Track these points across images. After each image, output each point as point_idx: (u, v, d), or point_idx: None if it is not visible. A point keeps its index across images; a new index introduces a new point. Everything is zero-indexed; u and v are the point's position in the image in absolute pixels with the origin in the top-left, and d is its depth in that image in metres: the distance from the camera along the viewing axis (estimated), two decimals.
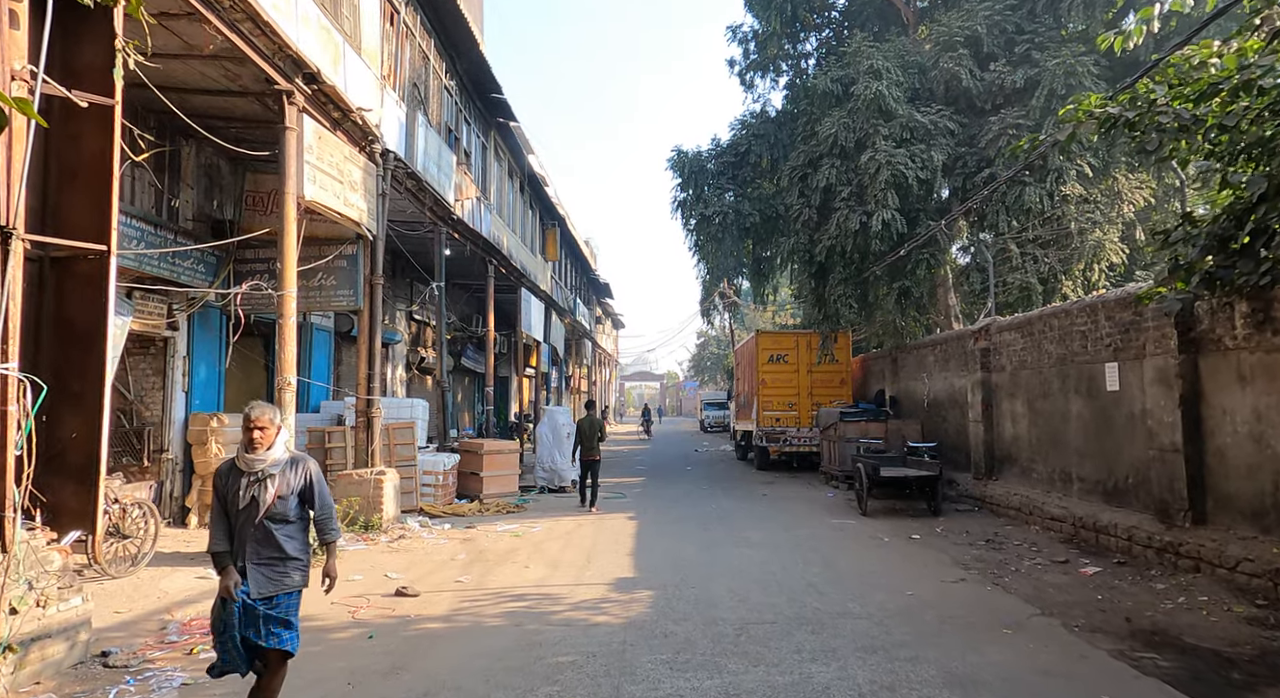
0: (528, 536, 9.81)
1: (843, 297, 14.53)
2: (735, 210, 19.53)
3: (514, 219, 21.54)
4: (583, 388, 42.27)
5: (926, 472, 10.94)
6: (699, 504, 12.79)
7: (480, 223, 16.59)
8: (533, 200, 24.42)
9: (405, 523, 10.36)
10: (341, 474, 10.15)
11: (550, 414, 15.10)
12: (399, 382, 17.66)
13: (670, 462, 22.93)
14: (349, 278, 10.40)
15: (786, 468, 18.28)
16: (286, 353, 8.24)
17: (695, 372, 75.54)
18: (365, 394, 10.36)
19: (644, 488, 15.52)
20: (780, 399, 17.65)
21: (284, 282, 8.26)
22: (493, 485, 13.25)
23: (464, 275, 19.14)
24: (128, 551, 7.35)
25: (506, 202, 20.52)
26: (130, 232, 8.41)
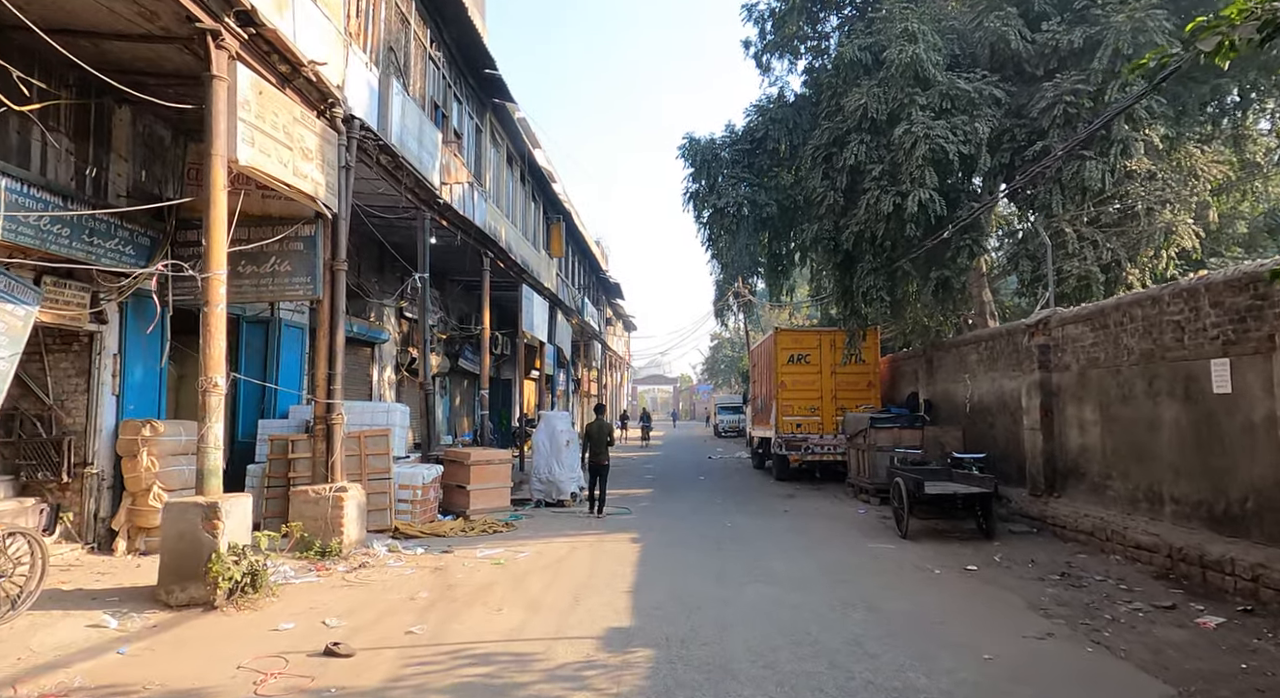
0: (511, 563, 8.33)
1: (873, 289, 12.96)
2: (751, 201, 18.14)
3: (513, 210, 20.13)
4: (593, 392, 40.85)
5: (978, 488, 9.37)
6: (712, 522, 11.26)
7: (473, 210, 15.19)
8: (535, 192, 23.01)
9: (371, 547, 8.92)
10: (296, 490, 8.73)
11: (548, 420, 13.65)
12: (387, 384, 16.27)
13: (681, 471, 21.40)
14: (306, 263, 8.99)
15: (808, 478, 16.72)
16: (212, 348, 6.82)
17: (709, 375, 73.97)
18: (324, 397, 8.94)
19: (651, 501, 14.01)
20: (801, 403, 16.10)
21: (209, 261, 6.84)
22: (481, 500, 11.80)
23: (461, 270, 17.77)
24: (4, 592, 5.93)
25: (505, 191, 19.12)
26: (27, 202, 7.02)
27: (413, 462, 11.50)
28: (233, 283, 8.95)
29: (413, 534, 10.18)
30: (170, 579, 6.40)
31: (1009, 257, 12.75)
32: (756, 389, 19.84)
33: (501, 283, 19.96)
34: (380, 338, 15.48)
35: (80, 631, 5.77)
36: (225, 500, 6.59)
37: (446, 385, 20.30)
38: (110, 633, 5.74)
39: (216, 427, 6.80)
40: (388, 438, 10.48)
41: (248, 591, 6.54)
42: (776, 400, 16.21)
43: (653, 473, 20.21)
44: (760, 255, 28.41)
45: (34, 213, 7.00)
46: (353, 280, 14.30)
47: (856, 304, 13.69)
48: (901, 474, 9.95)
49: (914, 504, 9.55)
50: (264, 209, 9.06)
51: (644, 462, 23.94)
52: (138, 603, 6.39)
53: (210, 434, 6.73)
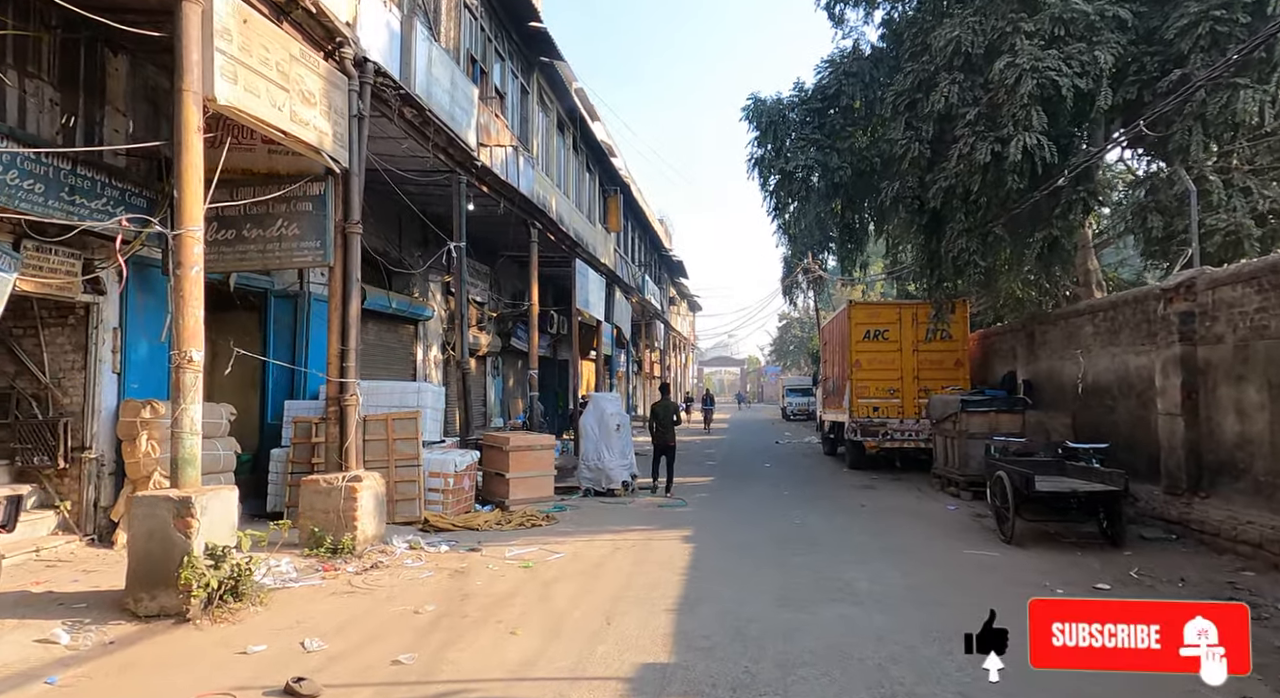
0: (541, 567, 7.22)
1: (964, 253, 11.22)
2: (822, 165, 16.52)
3: (565, 180, 18.99)
4: (655, 373, 39.72)
5: (1104, 486, 7.73)
6: (777, 519, 9.91)
7: (518, 177, 14.09)
8: (590, 162, 21.82)
9: (389, 544, 7.95)
10: (306, 480, 7.82)
11: (595, 402, 12.50)
12: (433, 364, 15.41)
13: (746, 457, 20.02)
14: (316, 225, 8.01)
15: (886, 466, 15.12)
16: (186, 317, 5.87)
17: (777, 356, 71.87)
18: (336, 376, 7.98)
19: (710, 492, 12.73)
20: (879, 384, 14.48)
21: (181, 216, 5.87)
22: (521, 489, 10.76)
23: (511, 245, 16.71)
24: None
25: (556, 159, 17.98)
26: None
27: (447, 447, 10.53)
28: (237, 247, 8.10)
29: (443, 527, 9.21)
30: (138, 586, 5.52)
31: (1133, 212, 10.80)
32: (827, 370, 18.26)
33: (554, 258, 18.92)
34: (424, 315, 14.60)
35: (24, 648, 4.91)
36: (201, 495, 5.65)
37: (499, 366, 19.45)
38: (57, 652, 4.87)
39: (193, 409, 5.86)
40: (416, 421, 9.52)
41: (227, 599, 5.60)
42: (851, 381, 14.64)
43: (715, 459, 18.91)
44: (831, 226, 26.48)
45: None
46: (394, 254, 13.44)
47: (944, 272, 11.99)
48: (1005, 467, 8.37)
49: (1021, 503, 7.98)
50: (271, 166, 8.13)
51: (705, 447, 22.66)
52: (104, 612, 5.53)
53: (185, 417, 5.80)
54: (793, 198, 20.66)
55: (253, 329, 11.20)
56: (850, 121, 16.30)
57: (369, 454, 9.38)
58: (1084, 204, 10.35)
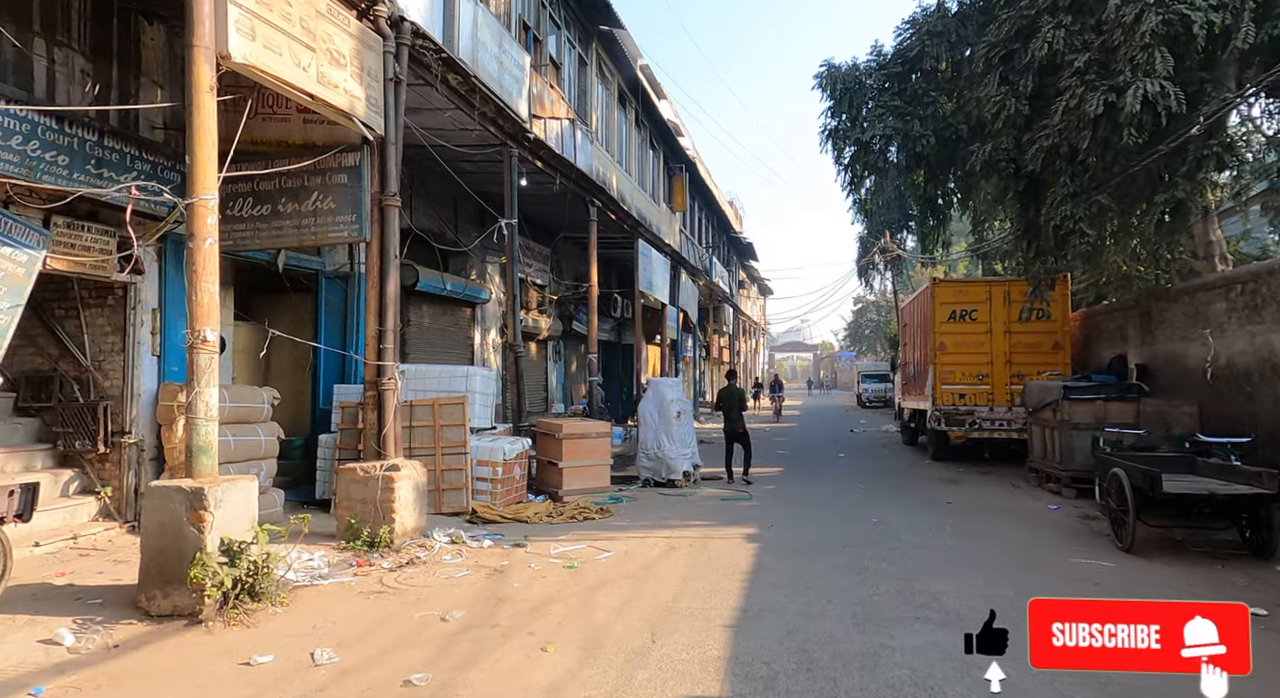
0: (588, 567, 6.57)
1: (1069, 221, 9.91)
2: (902, 134, 15.32)
3: (626, 157, 18.25)
4: (724, 358, 38.77)
5: (1251, 487, 6.54)
6: (852, 516, 9.00)
7: (574, 151, 13.44)
8: (654, 139, 21.01)
9: (430, 537, 7.47)
10: (343, 468, 7.40)
11: (655, 387, 11.79)
12: (491, 348, 15.01)
13: (818, 445, 18.99)
14: (350, 198, 7.53)
15: (973, 457, 13.90)
16: (200, 293, 5.42)
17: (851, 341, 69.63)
18: (374, 358, 7.50)
19: (779, 483, 11.87)
20: (966, 369, 13.25)
21: (193, 183, 5.42)
22: (575, 479, 10.17)
23: (572, 225, 16.11)
24: None
25: (616, 134, 17.25)
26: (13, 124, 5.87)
27: (498, 434, 10.02)
28: (273, 224, 7.71)
29: (491, 519, 8.70)
30: (151, 583, 5.13)
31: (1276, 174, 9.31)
32: (907, 354, 17.02)
33: (616, 239, 18.28)
34: (481, 297, 14.19)
35: (25, 649, 4.56)
36: (215, 486, 5.21)
37: (560, 350, 18.98)
38: (57, 655, 4.50)
39: (209, 393, 5.42)
40: (463, 407, 9.02)
41: (244, 600, 5.16)
42: (934, 366, 13.46)
43: (785, 448, 17.97)
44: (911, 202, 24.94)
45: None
46: (449, 236, 13.02)
47: (1043, 244, 10.70)
48: (1121, 463, 7.23)
49: (1143, 505, 6.85)
50: (306, 136, 7.69)
51: (775, 435, 21.69)
52: (118, 610, 5.17)
53: (200, 402, 5.36)
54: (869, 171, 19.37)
55: (304, 312, 10.96)
56: (934, 86, 15.02)
57: (415, 441, 8.96)
58: (1217, 160, 8.94)
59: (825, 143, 18.59)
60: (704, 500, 10.28)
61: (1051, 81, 9.98)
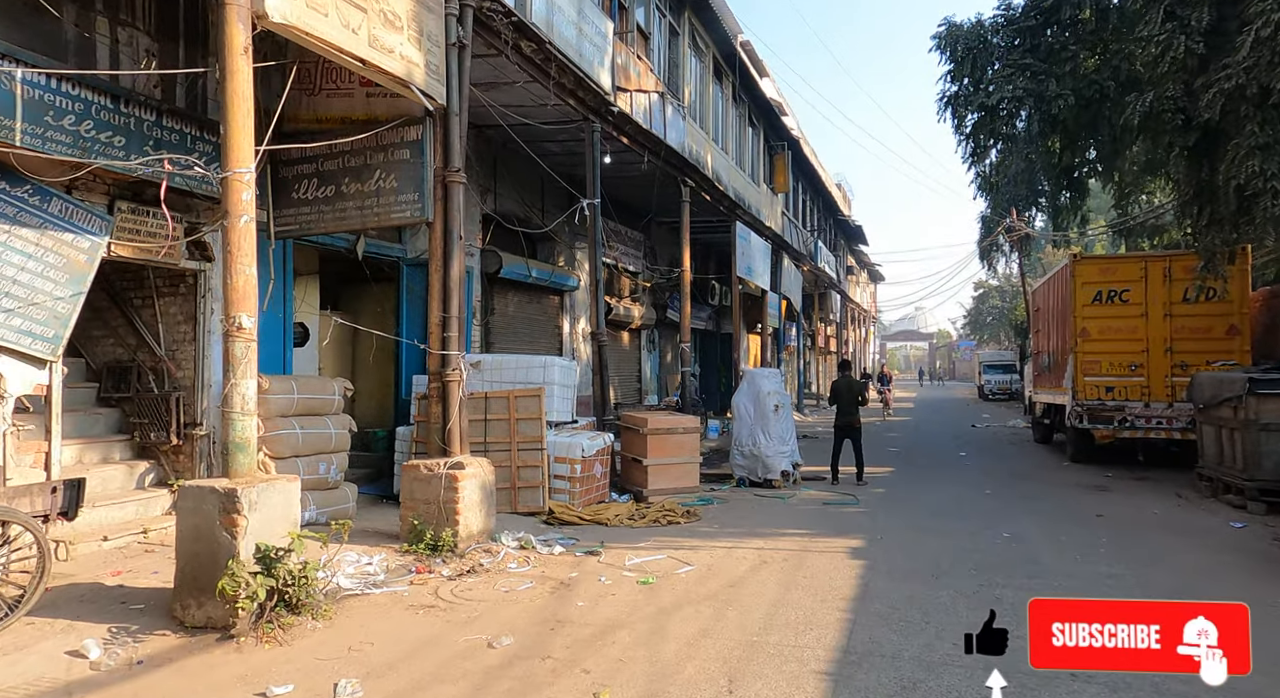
0: (665, 583, 5.78)
1: (1256, 178, 8.12)
2: (1034, 95, 13.68)
3: (723, 134, 17.24)
4: (831, 348, 37.02)
5: None
6: (979, 528, 7.76)
7: (664, 127, 12.61)
8: (753, 115, 19.87)
9: (498, 541, 6.89)
10: (407, 465, 6.92)
11: (751, 379, 10.82)
12: (580, 337, 14.45)
13: (935, 442, 17.40)
14: (413, 175, 7.01)
15: (1123, 460, 12.12)
16: (235, 276, 4.99)
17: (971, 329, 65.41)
18: (438, 348, 6.97)
19: (890, 487, 10.66)
20: (1115, 358, 11.51)
21: (227, 157, 4.98)
22: (661, 478, 9.40)
23: (667, 209, 15.30)
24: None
25: (711, 110, 16.27)
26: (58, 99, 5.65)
27: (578, 428, 9.38)
28: (336, 206, 7.31)
29: (568, 520, 8.07)
30: (186, 591, 4.74)
31: None
32: (1040, 342, 15.19)
33: (713, 222, 17.36)
34: (569, 285, 13.64)
35: (49, 661, 4.23)
36: (250, 487, 4.76)
37: (655, 339, 18.26)
38: (78, 670, 4.15)
39: (246, 384, 4.99)
40: (540, 399, 8.41)
41: (279, 612, 4.68)
42: (1075, 355, 11.78)
43: (897, 445, 16.53)
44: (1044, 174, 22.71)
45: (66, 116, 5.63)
46: (537, 220, 12.51)
47: (1220, 208, 8.93)
48: None
49: None
50: (369, 111, 7.23)
51: (886, 430, 20.15)
52: (156, 619, 4.81)
53: (236, 394, 4.94)
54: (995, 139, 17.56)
55: (388, 301, 10.72)
56: (1074, 39, 13.31)
57: (491, 435, 8.44)
58: None
59: (943, 111, 16.93)
60: (804, 504, 9.28)
61: (1234, 11, 8.26)
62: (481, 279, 11.56)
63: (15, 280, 5.73)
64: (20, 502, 4.80)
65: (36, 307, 5.86)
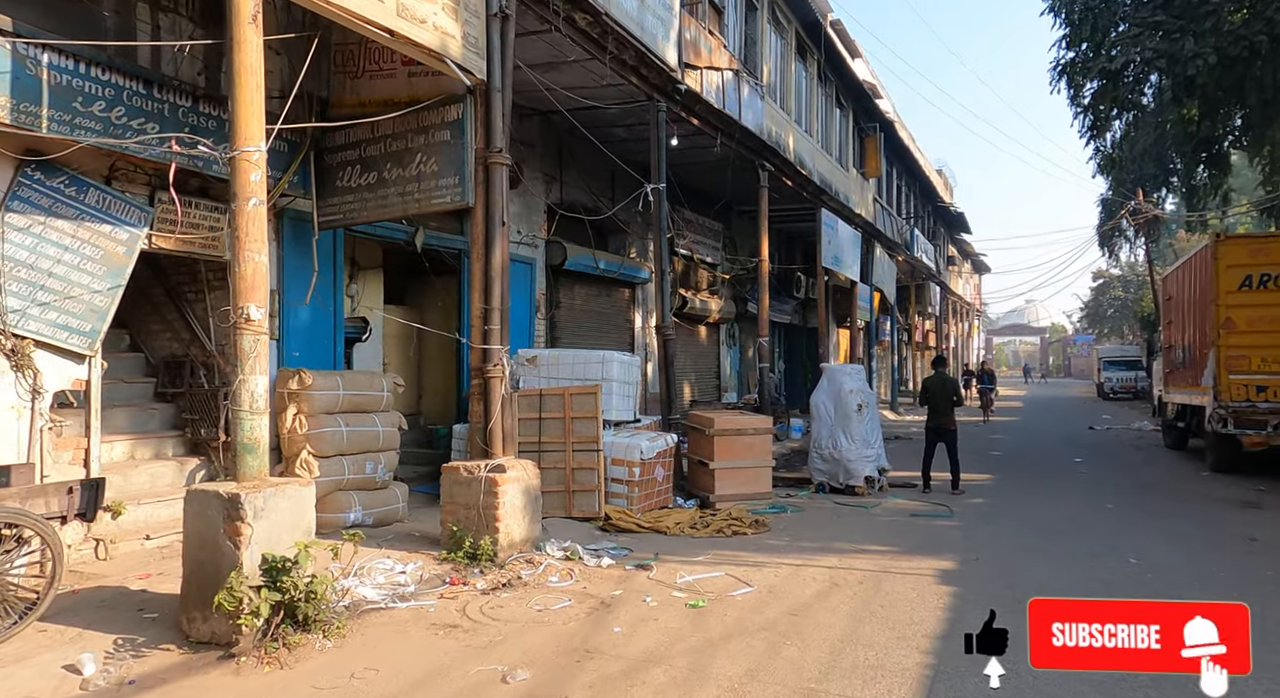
0: (717, 607, 5.08)
1: None
2: (1167, 56, 12.25)
3: (806, 115, 16.21)
4: (930, 343, 34.97)
5: None
6: (1098, 550, 6.64)
7: (739, 108, 11.81)
8: (841, 95, 18.68)
9: (543, 549, 6.36)
10: (447, 467, 6.49)
11: (831, 376, 9.90)
12: (652, 332, 13.84)
13: (1045, 446, 15.82)
14: (453, 157, 6.56)
15: (1274, 470, 10.45)
16: (243, 263, 4.62)
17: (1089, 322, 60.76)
18: (479, 341, 6.51)
19: (989, 496, 9.52)
20: (1268, 353, 9.89)
21: (235, 135, 4.62)
22: (728, 483, 8.66)
23: (747, 198, 14.48)
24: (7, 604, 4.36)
25: (793, 89, 15.30)
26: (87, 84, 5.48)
27: (641, 428, 8.77)
28: (379, 193, 6.97)
29: (625, 527, 7.48)
30: (191, 604, 4.42)
31: None
32: (1173, 335, 13.45)
33: (797, 210, 16.41)
34: (640, 276, 13.06)
35: (41, 677, 3.96)
36: (256, 493, 4.39)
37: (735, 334, 17.44)
38: (67, 688, 3.88)
39: (256, 381, 4.63)
40: (595, 397, 7.84)
41: (285, 630, 4.28)
42: (1217, 349, 10.22)
43: (1000, 448, 15.08)
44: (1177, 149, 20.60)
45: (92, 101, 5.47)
46: (606, 209, 11.98)
47: None
48: None
49: None
50: (411, 92, 6.84)
51: (988, 432, 18.56)
52: (165, 631, 4.51)
53: (244, 391, 4.58)
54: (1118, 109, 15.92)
55: (449, 295, 10.45)
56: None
57: (546, 434, 7.95)
58: None
59: (1057, 81, 15.40)
60: (889, 515, 8.34)
61: None
62: (546, 271, 11.14)
63: (51, 273, 5.63)
64: (34, 503, 4.61)
65: (73, 300, 5.74)
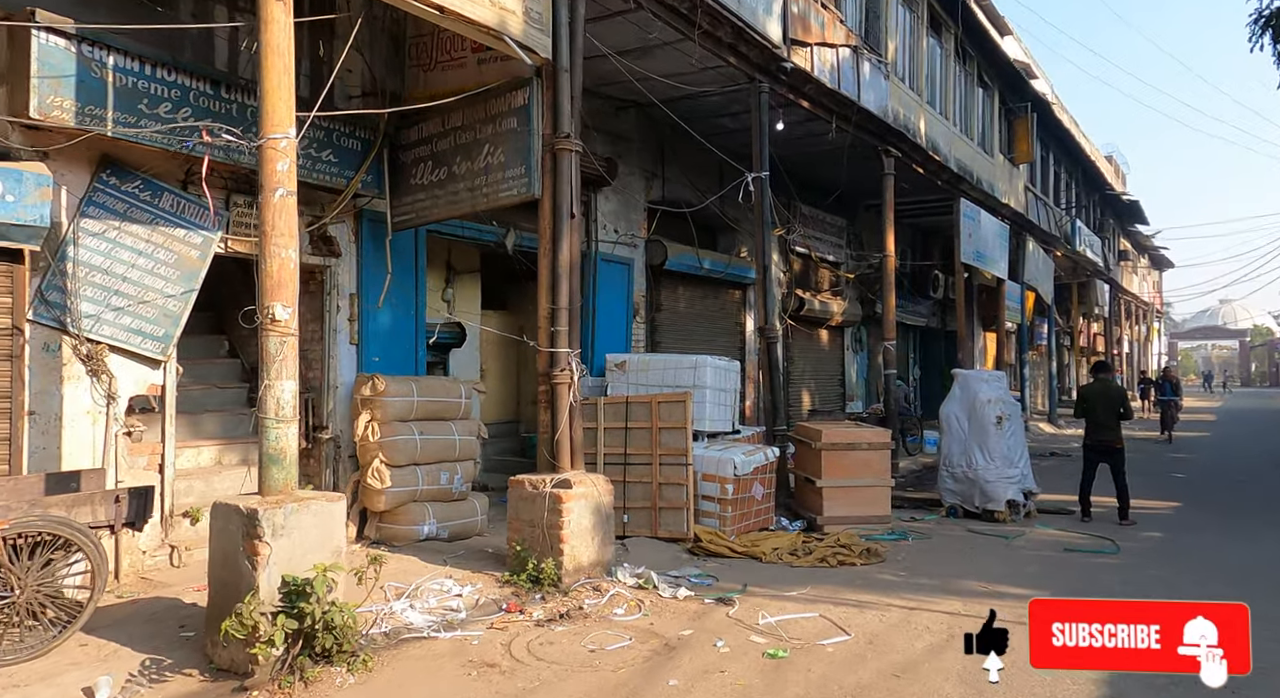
0: (800, 660, 4.22)
1: None
2: None
3: (940, 95, 14.69)
4: (1098, 347, 31.39)
5: None
6: None
7: (858, 88, 10.71)
8: (984, 73, 16.88)
9: (614, 576, 5.73)
10: (513, 481, 5.98)
11: (964, 383, 8.60)
12: None
13: (1244, 470, 13.34)
14: (518, 146, 6.08)
15: None
16: (269, 260, 4.32)
17: None
18: (546, 344, 5.97)
19: (1171, 530, 7.87)
20: None
21: (263, 121, 4.33)
22: (839, 504, 7.64)
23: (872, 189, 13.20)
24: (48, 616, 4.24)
25: (925, 67, 13.86)
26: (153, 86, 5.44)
27: (739, 440, 7.93)
28: (449, 189, 6.65)
29: (716, 551, 6.71)
30: (214, 626, 4.10)
31: None
32: None
33: (931, 202, 14.96)
34: (750, 277, 12.15)
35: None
36: (278, 507, 4.04)
37: (861, 338, 16.08)
38: None
39: (283, 386, 4.30)
40: (685, 405, 7.12)
41: (302, 662, 3.88)
42: None
43: (1186, 470, 12.85)
44: None
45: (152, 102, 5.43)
46: (714, 208, 11.23)
47: None
48: None
49: None
50: (480, 78, 6.44)
51: (1170, 451, 16.02)
52: (190, 654, 4.26)
53: (270, 398, 4.26)
54: None
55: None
56: None
57: (632, 445, 7.33)
58: None
59: (1259, 34, 13.05)
60: (1034, 547, 7.03)
61: None
62: (646, 272, 10.55)
63: (125, 278, 5.65)
64: (80, 512, 4.50)
65: (146, 305, 5.74)
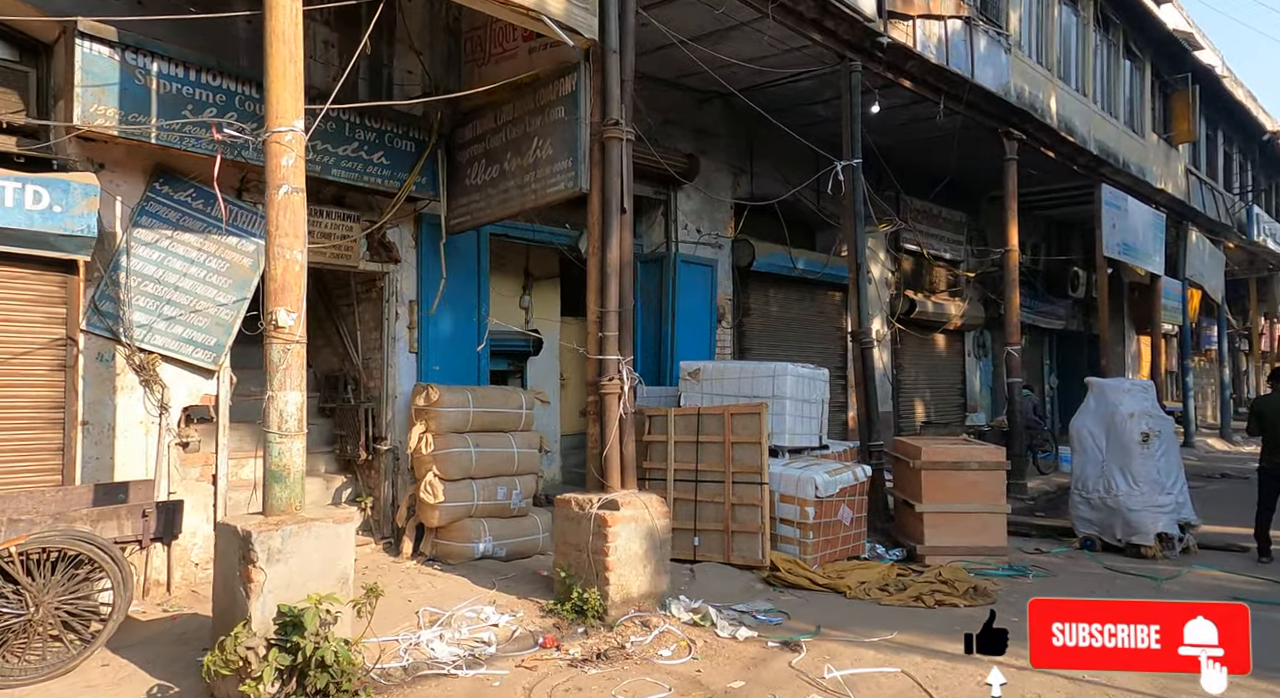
0: None
1: None
2: None
3: (1077, 69, 13.07)
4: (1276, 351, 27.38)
5: None
6: None
7: (971, 64, 9.57)
8: (1132, 43, 14.94)
9: (667, 609, 5.10)
10: (560, 499, 5.49)
11: (1100, 394, 7.29)
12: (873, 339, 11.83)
13: None
14: (566, 136, 5.60)
15: None
16: (275, 262, 4.02)
17: None
18: (595, 352, 5.44)
19: None
20: None
21: (269, 113, 4.05)
22: (942, 532, 6.62)
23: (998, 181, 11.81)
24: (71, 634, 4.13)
25: (1058, 37, 12.34)
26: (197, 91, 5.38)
27: (825, 457, 7.07)
28: (500, 187, 6.30)
29: (795, 581, 5.96)
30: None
31: None
32: None
33: (1070, 191, 13.41)
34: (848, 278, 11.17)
35: None
36: (274, 530, 3.71)
37: (984, 342, 14.54)
38: None
39: (287, 398, 3.96)
40: (760, 418, 6.39)
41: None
42: None
43: None
44: None
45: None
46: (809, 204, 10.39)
47: None
48: None
49: None
50: (530, 68, 6.03)
51: None
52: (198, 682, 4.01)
53: (273, 410, 3.93)
54: None
55: None
56: None
57: (704, 460, 6.69)
58: None
59: None
60: (1192, 592, 5.75)
61: None
62: (733, 273, 9.86)
63: (177, 287, 5.63)
64: (105, 526, 4.40)
65: (198, 314, 5.70)
